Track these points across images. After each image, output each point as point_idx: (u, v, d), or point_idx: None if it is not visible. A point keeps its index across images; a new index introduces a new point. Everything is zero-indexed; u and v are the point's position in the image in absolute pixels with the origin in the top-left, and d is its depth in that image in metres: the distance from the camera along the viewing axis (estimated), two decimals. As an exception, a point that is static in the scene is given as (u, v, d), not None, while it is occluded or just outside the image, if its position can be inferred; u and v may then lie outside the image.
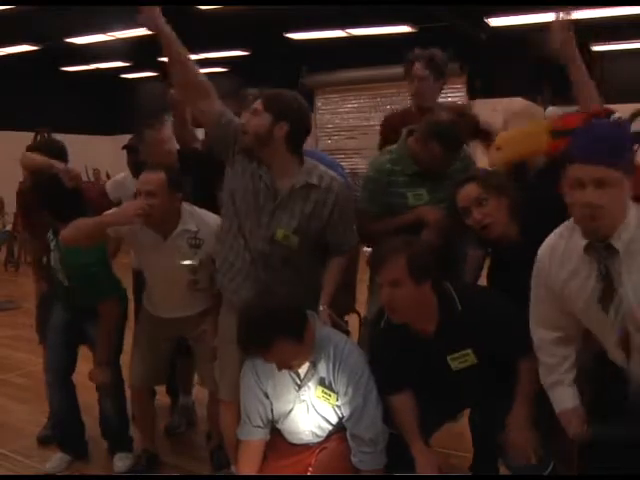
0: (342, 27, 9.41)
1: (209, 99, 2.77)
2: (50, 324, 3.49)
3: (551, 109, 2.43)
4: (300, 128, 2.72)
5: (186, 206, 3.12)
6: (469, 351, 2.49)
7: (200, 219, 3.11)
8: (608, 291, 1.98)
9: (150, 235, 3.07)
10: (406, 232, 2.72)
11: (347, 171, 3.93)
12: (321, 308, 2.73)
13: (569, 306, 2.13)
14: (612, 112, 1.95)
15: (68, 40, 9.80)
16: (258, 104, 2.69)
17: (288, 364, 2.51)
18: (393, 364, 2.56)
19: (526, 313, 2.34)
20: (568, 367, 2.26)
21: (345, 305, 3.20)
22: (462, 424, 3.15)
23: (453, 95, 10.82)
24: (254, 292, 2.65)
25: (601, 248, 1.95)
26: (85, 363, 3.48)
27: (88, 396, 3.57)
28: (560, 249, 2.09)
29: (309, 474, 2.55)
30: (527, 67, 8.66)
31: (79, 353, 3.53)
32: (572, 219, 2.03)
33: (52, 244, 3.36)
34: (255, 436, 2.67)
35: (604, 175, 1.84)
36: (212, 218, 3.15)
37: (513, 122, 2.97)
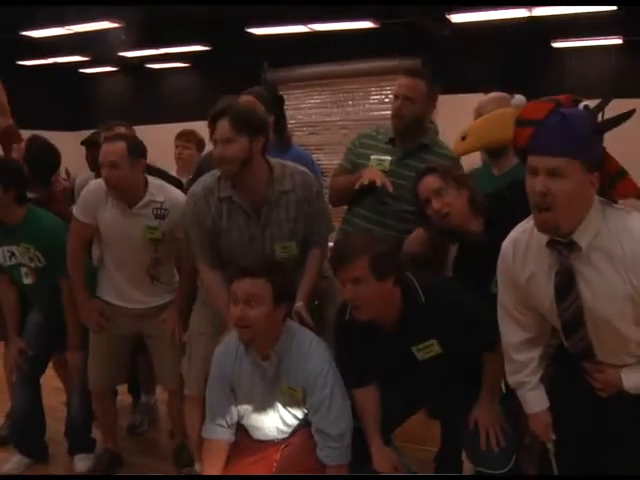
0: (304, 22, 9.38)
1: None
2: (26, 324, 3.42)
3: (518, 97, 2.38)
4: (269, 133, 2.76)
5: (154, 180, 3.14)
6: (433, 341, 2.49)
7: (167, 192, 3.14)
8: (564, 287, 1.96)
9: (116, 205, 3.07)
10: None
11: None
12: (298, 304, 2.69)
13: (535, 303, 2.11)
14: (579, 100, 1.90)
15: (23, 33, 9.60)
16: (227, 132, 2.61)
17: (252, 322, 2.43)
18: (357, 357, 2.56)
19: (489, 306, 2.34)
20: (533, 369, 2.24)
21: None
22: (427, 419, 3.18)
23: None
24: None
25: (562, 245, 1.93)
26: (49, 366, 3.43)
27: (50, 399, 3.51)
28: (523, 244, 2.06)
29: (277, 474, 2.52)
30: (490, 63, 8.74)
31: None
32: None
33: None
34: (220, 435, 2.64)
35: (557, 165, 1.81)
36: (180, 194, 3.16)
37: (487, 107, 2.98)
